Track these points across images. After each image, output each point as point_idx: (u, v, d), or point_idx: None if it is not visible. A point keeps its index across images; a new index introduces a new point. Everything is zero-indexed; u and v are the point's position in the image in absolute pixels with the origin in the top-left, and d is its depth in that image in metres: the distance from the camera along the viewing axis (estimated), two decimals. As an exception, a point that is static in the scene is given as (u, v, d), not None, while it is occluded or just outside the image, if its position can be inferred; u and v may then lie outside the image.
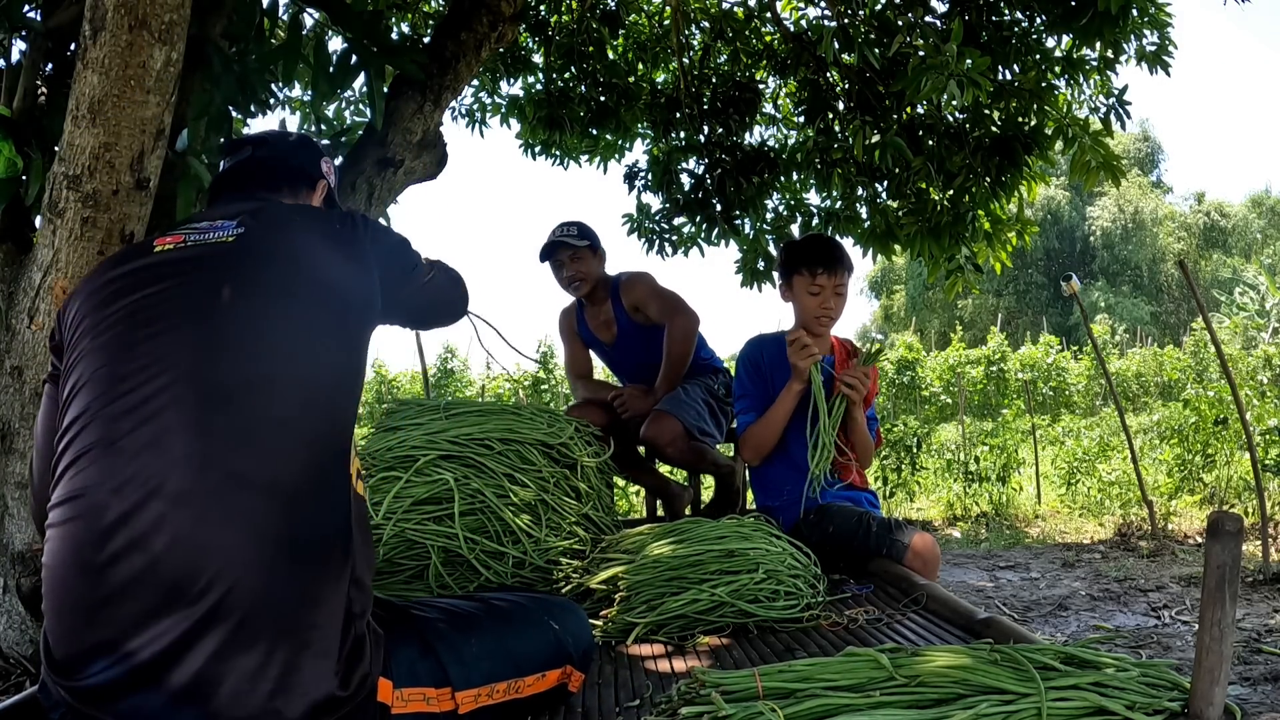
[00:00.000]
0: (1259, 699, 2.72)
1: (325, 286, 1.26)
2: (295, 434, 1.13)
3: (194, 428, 1.09)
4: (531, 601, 1.43)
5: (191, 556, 1.04)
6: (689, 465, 3.24)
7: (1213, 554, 1.17)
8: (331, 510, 1.14)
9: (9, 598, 2.12)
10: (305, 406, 1.16)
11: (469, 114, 5.49)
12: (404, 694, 1.19)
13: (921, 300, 26.89)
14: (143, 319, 1.19)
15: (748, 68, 5.20)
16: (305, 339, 1.21)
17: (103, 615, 1.04)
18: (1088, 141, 3.76)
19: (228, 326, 1.18)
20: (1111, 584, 4.38)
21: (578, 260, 3.23)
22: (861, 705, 1.21)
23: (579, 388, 3.51)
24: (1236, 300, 15.81)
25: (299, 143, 1.63)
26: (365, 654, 1.13)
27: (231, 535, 1.05)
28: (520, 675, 1.32)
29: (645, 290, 3.24)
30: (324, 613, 1.08)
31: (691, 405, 3.01)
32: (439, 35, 3.24)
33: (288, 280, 1.25)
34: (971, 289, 4.61)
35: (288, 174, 1.54)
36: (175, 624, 1.02)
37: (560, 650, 1.38)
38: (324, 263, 1.29)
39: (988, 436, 8.85)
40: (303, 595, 1.07)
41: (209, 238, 1.29)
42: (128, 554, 1.04)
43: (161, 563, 1.03)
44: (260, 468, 1.09)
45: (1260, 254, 24.62)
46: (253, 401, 1.13)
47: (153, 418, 1.10)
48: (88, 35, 1.81)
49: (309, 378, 1.18)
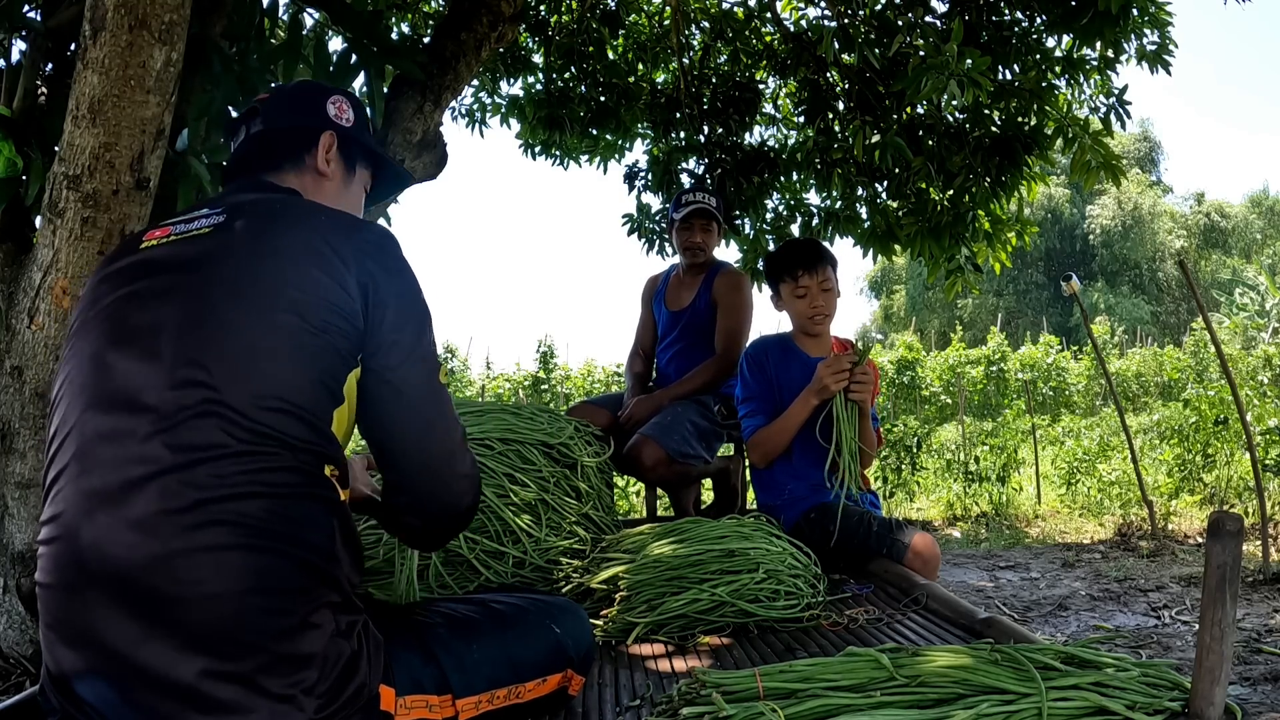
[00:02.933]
0: (1259, 699, 2.72)
1: (288, 295, 1.13)
2: (249, 460, 1.06)
3: (154, 453, 1.06)
4: (532, 604, 1.41)
5: (163, 586, 1.02)
6: (672, 486, 3.26)
7: (1213, 554, 1.17)
8: (307, 532, 1.09)
9: (9, 598, 2.12)
10: (259, 424, 1.08)
11: (469, 114, 5.49)
12: (406, 702, 1.18)
13: (921, 300, 26.90)
14: (113, 328, 1.16)
15: (748, 68, 5.20)
16: (262, 353, 1.11)
17: (89, 636, 1.03)
18: (1088, 141, 3.76)
19: (189, 339, 1.11)
20: (1111, 584, 4.38)
21: (709, 231, 3.27)
22: (862, 705, 1.21)
23: (634, 363, 3.56)
24: (1236, 300, 15.80)
25: (293, 96, 1.46)
26: (359, 667, 1.11)
27: (197, 567, 1.02)
28: (521, 680, 1.31)
29: (736, 299, 3.24)
30: (304, 640, 1.06)
31: (677, 429, 2.98)
32: (439, 35, 3.24)
33: (252, 283, 1.14)
34: (971, 289, 4.61)
35: (284, 144, 1.40)
36: (156, 651, 1.01)
37: (561, 654, 1.37)
38: (293, 270, 1.15)
39: (988, 436, 8.86)
40: (279, 625, 1.04)
41: (190, 229, 1.22)
42: (105, 579, 1.03)
43: (134, 590, 1.02)
44: (217, 496, 1.05)
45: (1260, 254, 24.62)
46: (206, 424, 1.07)
47: (118, 441, 1.07)
48: (88, 35, 1.80)
49: (262, 394, 1.09)
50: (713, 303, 3.28)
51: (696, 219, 3.26)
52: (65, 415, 1.14)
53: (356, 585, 1.17)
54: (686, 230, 3.28)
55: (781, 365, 2.65)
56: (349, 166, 1.46)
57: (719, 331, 3.24)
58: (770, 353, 2.69)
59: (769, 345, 2.72)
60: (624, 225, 5.25)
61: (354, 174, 1.48)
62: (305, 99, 1.45)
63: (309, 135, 1.41)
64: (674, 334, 3.43)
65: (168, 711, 1.00)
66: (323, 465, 1.13)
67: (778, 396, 2.62)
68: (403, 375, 1.21)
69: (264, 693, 1.02)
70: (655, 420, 3.02)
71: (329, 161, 1.42)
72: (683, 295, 3.40)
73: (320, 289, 1.14)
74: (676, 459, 2.96)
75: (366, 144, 1.49)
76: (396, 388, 1.21)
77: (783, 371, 2.64)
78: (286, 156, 1.40)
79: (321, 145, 1.41)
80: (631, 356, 3.60)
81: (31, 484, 2.09)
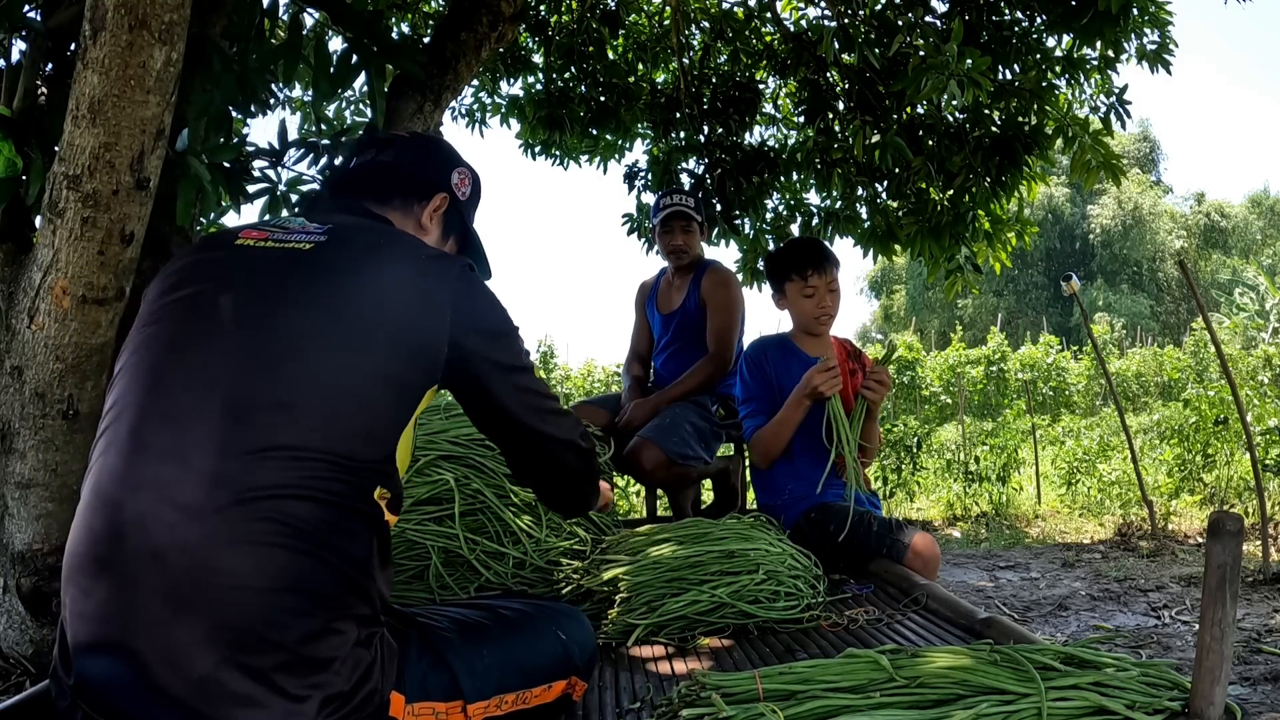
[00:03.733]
0: (1259, 699, 2.72)
1: (382, 323, 1.18)
2: (310, 466, 1.09)
3: (215, 443, 1.07)
4: (538, 610, 1.42)
5: (198, 571, 1.02)
6: (672, 487, 3.27)
7: (1214, 553, 1.17)
8: (348, 543, 1.11)
9: (9, 598, 2.12)
10: (328, 439, 1.11)
11: (469, 114, 5.49)
12: (415, 709, 1.18)
13: (921, 300, 26.91)
14: (196, 316, 1.17)
15: (748, 68, 5.21)
16: (345, 371, 1.14)
17: (110, 611, 1.04)
18: (1088, 141, 3.76)
19: (273, 342, 1.14)
20: (1111, 584, 4.38)
21: (689, 233, 3.30)
22: (862, 706, 1.21)
23: (631, 366, 3.57)
24: (1236, 300, 15.80)
25: (430, 147, 1.52)
26: (373, 674, 1.12)
27: (236, 558, 1.03)
28: (528, 686, 1.32)
29: (723, 296, 3.25)
30: (326, 645, 1.06)
31: (676, 431, 2.99)
32: (439, 35, 3.24)
33: (346, 305, 1.18)
34: (971, 289, 4.61)
35: (403, 183, 1.45)
36: (180, 633, 1.01)
37: (567, 661, 1.38)
38: (392, 298, 1.20)
39: (988, 436, 8.85)
40: (305, 627, 1.05)
41: (290, 242, 1.24)
42: (138, 555, 1.04)
43: (170, 570, 1.02)
44: (270, 494, 1.06)
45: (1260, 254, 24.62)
46: (274, 425, 1.09)
47: (180, 424, 1.09)
48: (88, 35, 1.80)
49: (337, 412, 1.12)
50: (702, 302, 3.29)
51: (676, 221, 3.28)
52: (126, 390, 1.14)
53: (385, 601, 1.19)
54: (668, 234, 3.32)
55: (781, 365, 2.65)
56: (445, 233, 1.51)
57: (709, 330, 3.24)
58: (770, 353, 2.69)
59: (768, 345, 2.72)
60: (624, 225, 5.25)
61: (446, 241, 1.52)
62: (440, 155, 1.52)
63: (428, 187, 1.47)
64: (668, 336, 3.44)
65: (181, 695, 1.00)
66: (375, 486, 1.15)
67: (777, 397, 2.62)
68: (500, 396, 1.31)
69: (280, 691, 1.02)
70: (654, 423, 3.02)
71: (432, 219, 1.47)
72: (673, 297, 3.42)
73: (413, 317, 1.20)
74: (676, 461, 2.96)
75: (467, 221, 1.55)
76: (494, 409, 1.32)
77: (782, 371, 2.64)
78: (399, 196, 1.44)
79: (434, 201, 1.47)
80: (628, 362, 3.61)
81: (32, 484, 2.09)
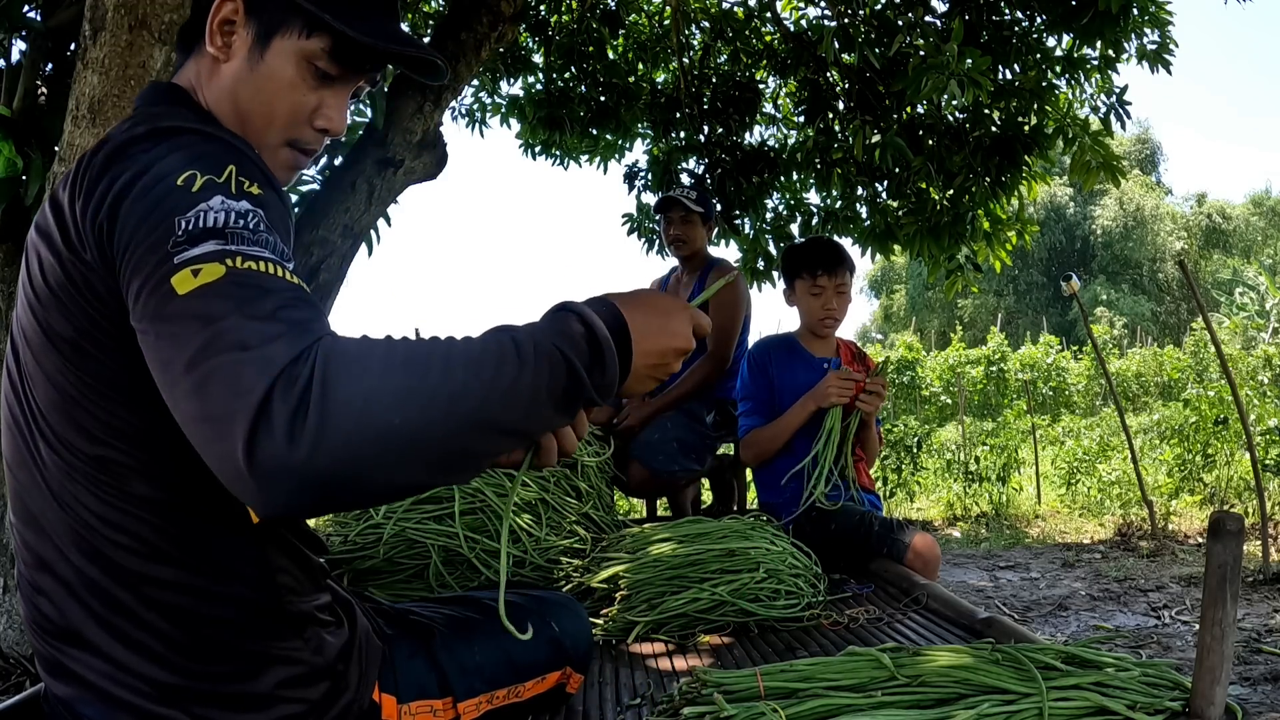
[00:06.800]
0: (1259, 699, 2.72)
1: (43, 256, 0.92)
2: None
3: (19, 448, 0.99)
4: (529, 601, 1.41)
5: (46, 583, 0.98)
6: (664, 495, 3.30)
7: (1214, 553, 1.17)
8: (191, 574, 0.96)
9: (9, 598, 2.12)
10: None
11: (469, 114, 5.49)
12: (411, 708, 1.16)
13: (921, 300, 26.89)
14: None
15: (748, 68, 5.21)
16: (33, 337, 0.94)
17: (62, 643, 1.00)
18: (1088, 141, 3.77)
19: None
20: (1111, 584, 4.38)
21: (686, 223, 3.31)
22: (863, 705, 1.21)
23: None
24: (1236, 300, 15.80)
25: None
26: (344, 686, 1.07)
27: (72, 569, 0.96)
28: (520, 680, 1.31)
29: (726, 295, 3.24)
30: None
31: (663, 448, 2.99)
32: (439, 35, 3.24)
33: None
34: (971, 288, 4.62)
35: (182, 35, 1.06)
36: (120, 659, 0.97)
37: (559, 652, 1.37)
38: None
39: (988, 436, 8.85)
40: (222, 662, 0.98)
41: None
42: (22, 577, 1.02)
43: (26, 582, 1.01)
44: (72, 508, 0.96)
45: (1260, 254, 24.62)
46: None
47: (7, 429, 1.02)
48: (88, 35, 1.80)
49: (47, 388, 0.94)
50: (706, 300, 3.28)
51: (673, 211, 3.30)
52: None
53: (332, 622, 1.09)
54: (666, 224, 3.36)
55: (784, 365, 2.65)
56: (261, 36, 0.98)
57: (710, 329, 3.23)
58: (773, 353, 2.69)
59: (772, 345, 2.72)
60: (624, 225, 5.25)
61: (268, 46, 0.99)
62: None
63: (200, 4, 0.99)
64: None
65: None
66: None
67: (776, 399, 2.62)
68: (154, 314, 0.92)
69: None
70: (642, 437, 3.04)
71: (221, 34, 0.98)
72: (680, 295, 3.41)
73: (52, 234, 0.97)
74: (662, 476, 2.99)
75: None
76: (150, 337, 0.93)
77: (784, 372, 2.64)
78: (182, 49, 1.03)
79: (213, 11, 0.97)
80: None
81: (31, 484, 2.08)
